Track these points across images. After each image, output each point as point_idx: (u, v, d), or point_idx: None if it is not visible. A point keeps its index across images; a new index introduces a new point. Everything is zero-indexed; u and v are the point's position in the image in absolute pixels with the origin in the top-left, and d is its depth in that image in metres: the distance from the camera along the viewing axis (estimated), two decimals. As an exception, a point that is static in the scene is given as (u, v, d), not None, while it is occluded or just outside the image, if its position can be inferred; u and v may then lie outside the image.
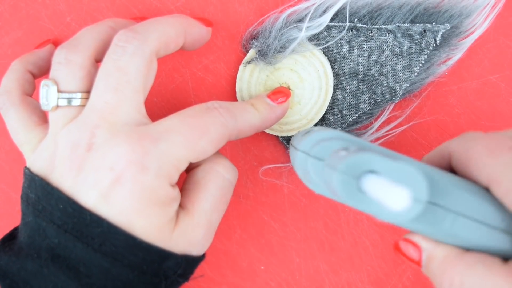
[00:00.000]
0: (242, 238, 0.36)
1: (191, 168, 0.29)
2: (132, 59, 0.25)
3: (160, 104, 0.35)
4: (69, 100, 0.26)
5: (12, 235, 0.28)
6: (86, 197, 0.25)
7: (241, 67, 0.33)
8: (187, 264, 0.27)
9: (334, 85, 0.33)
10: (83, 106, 0.26)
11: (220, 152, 0.29)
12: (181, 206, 0.27)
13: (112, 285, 0.25)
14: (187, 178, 0.29)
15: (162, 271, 0.26)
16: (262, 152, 0.35)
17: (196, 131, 0.25)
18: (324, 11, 0.32)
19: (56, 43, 0.34)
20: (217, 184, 0.28)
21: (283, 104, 0.31)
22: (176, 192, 0.26)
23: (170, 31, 0.27)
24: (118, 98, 0.25)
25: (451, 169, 0.25)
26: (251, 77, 0.33)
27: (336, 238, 0.35)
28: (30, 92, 0.31)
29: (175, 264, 0.26)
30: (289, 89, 0.33)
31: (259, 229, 0.36)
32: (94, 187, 0.24)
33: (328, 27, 0.32)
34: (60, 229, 0.25)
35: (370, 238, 0.35)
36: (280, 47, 0.32)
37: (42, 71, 0.32)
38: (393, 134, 0.34)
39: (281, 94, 0.31)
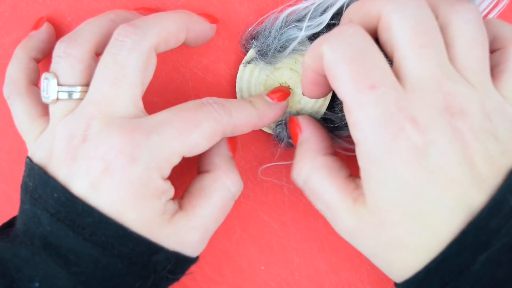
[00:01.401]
0: (242, 238, 0.36)
1: (200, 172, 0.29)
2: (130, 53, 0.26)
3: (160, 104, 0.35)
4: (69, 94, 0.27)
5: (10, 223, 0.29)
6: (78, 186, 0.25)
7: (241, 67, 0.33)
8: (178, 261, 0.27)
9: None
10: (82, 99, 0.27)
11: (231, 162, 0.30)
12: (180, 206, 0.28)
13: (101, 275, 0.25)
14: (194, 181, 0.29)
15: (152, 264, 0.26)
16: (262, 152, 0.35)
17: (189, 125, 0.26)
18: (324, 11, 0.32)
19: (49, 20, 0.34)
20: (221, 195, 0.28)
21: (282, 103, 0.31)
22: (167, 185, 0.26)
23: (171, 27, 0.28)
24: (115, 92, 0.26)
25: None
26: (251, 77, 0.33)
27: (336, 238, 0.35)
28: (36, 81, 0.31)
29: (165, 259, 0.26)
30: (289, 88, 0.33)
31: (259, 229, 0.36)
32: (85, 176, 0.25)
33: (329, 26, 0.32)
34: (53, 217, 0.25)
35: (370, 238, 0.35)
36: (280, 47, 0.32)
37: (45, 54, 0.33)
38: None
39: (280, 92, 0.31)
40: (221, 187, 0.28)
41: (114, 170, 0.24)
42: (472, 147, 0.23)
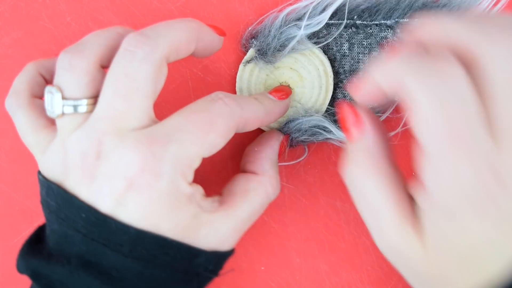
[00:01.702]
0: (242, 238, 0.35)
1: (245, 170, 0.30)
2: (142, 65, 0.25)
3: (160, 104, 0.35)
4: (75, 107, 0.26)
5: (38, 237, 0.28)
6: (105, 206, 0.24)
7: (241, 66, 0.33)
8: (217, 259, 0.27)
9: (334, 84, 0.33)
10: (90, 112, 0.26)
11: (277, 166, 0.30)
12: (221, 203, 0.27)
13: (146, 286, 0.25)
14: (237, 179, 0.29)
15: (193, 268, 0.26)
16: (262, 152, 0.35)
17: (204, 126, 0.25)
18: (324, 9, 0.32)
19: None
20: (262, 200, 0.29)
21: (285, 100, 0.31)
22: (194, 188, 0.26)
23: (182, 36, 0.26)
24: (127, 105, 0.25)
25: None
26: (251, 76, 0.33)
27: (336, 238, 0.35)
28: (40, 95, 0.30)
29: (206, 261, 0.27)
30: (290, 88, 0.33)
31: (259, 229, 0.35)
32: (110, 195, 0.24)
33: (328, 25, 0.32)
34: (86, 238, 0.25)
35: (370, 238, 0.35)
36: (280, 46, 0.32)
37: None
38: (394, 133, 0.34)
39: (282, 92, 0.31)
40: (264, 193, 0.29)
41: (140, 188, 0.24)
42: None
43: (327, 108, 0.34)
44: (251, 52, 0.33)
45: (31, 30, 0.35)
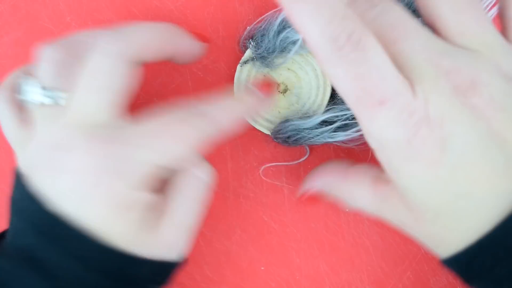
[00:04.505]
0: (242, 238, 0.36)
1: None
2: (107, 60, 0.25)
3: (160, 104, 0.35)
4: (51, 98, 0.26)
5: (2, 236, 0.28)
6: (60, 200, 0.24)
7: (238, 67, 0.33)
8: (160, 269, 0.27)
9: (332, 85, 0.33)
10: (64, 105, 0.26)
11: (198, 153, 0.29)
12: (158, 210, 0.27)
13: None
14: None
15: (135, 278, 0.26)
16: (262, 152, 0.35)
17: (169, 135, 0.25)
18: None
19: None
20: (193, 186, 0.28)
21: (268, 92, 0.30)
22: (151, 196, 0.26)
23: (153, 37, 0.27)
24: (93, 99, 0.25)
25: None
26: (249, 77, 0.33)
27: (336, 238, 0.35)
28: None
29: (149, 271, 0.26)
30: (287, 89, 0.33)
31: (259, 230, 0.35)
32: (70, 191, 0.24)
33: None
34: (36, 231, 0.24)
35: (370, 238, 0.35)
36: (278, 48, 0.32)
37: None
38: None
39: (265, 83, 0.30)
40: (191, 179, 0.28)
41: (99, 185, 0.24)
42: (497, 120, 0.21)
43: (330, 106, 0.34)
44: (248, 53, 0.33)
45: (31, 30, 0.35)
